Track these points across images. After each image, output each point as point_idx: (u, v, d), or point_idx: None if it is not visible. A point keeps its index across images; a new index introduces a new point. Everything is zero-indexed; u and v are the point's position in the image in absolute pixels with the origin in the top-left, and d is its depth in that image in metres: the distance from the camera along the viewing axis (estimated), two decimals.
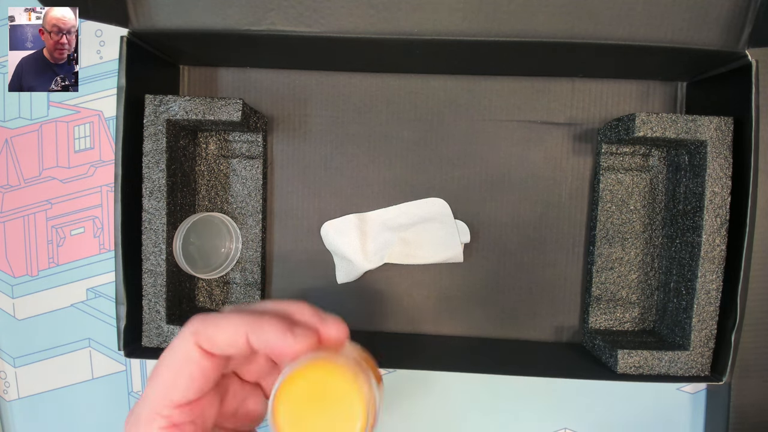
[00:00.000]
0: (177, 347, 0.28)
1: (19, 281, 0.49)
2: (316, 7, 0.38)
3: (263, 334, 0.27)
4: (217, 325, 0.28)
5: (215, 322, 0.28)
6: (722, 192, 0.40)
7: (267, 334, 0.27)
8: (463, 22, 0.38)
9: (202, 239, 0.45)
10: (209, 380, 0.28)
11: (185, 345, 0.28)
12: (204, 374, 0.28)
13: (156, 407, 0.27)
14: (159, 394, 0.28)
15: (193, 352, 0.28)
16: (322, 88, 0.47)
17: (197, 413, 0.28)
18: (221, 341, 0.27)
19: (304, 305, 0.30)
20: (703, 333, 0.41)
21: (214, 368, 0.28)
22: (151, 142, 0.41)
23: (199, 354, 0.28)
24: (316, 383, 0.27)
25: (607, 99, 0.46)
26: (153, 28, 0.39)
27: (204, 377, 0.28)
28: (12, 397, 0.50)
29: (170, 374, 0.28)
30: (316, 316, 0.30)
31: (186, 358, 0.28)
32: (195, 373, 0.28)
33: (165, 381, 0.28)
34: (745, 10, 0.38)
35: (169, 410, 0.27)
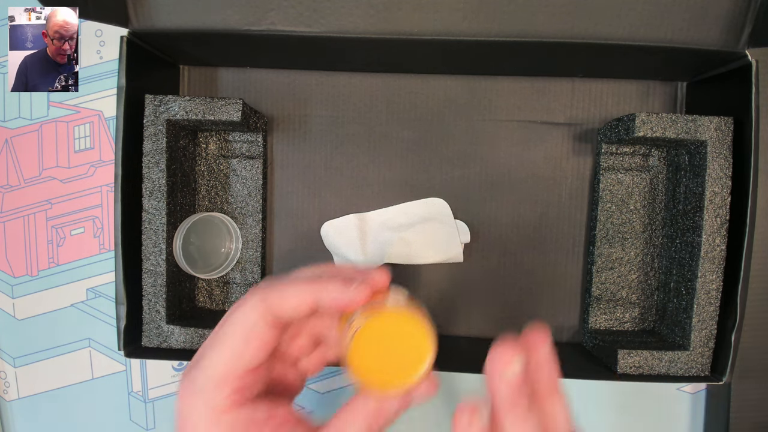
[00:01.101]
0: (246, 315, 0.29)
1: (19, 281, 0.49)
2: (316, 7, 0.38)
3: (329, 294, 0.29)
4: (284, 291, 0.29)
5: (282, 291, 0.29)
6: (722, 192, 0.40)
7: (331, 294, 0.29)
8: (463, 22, 0.38)
9: (202, 239, 0.45)
10: (271, 346, 0.29)
11: (253, 313, 0.29)
12: (270, 341, 0.29)
13: (224, 374, 0.28)
14: (227, 361, 0.28)
15: (262, 319, 0.29)
16: (322, 88, 0.47)
17: (257, 378, 0.30)
18: (289, 307, 0.29)
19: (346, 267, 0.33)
20: (703, 333, 0.41)
21: (278, 336, 0.30)
22: (151, 142, 0.41)
23: (268, 320, 0.29)
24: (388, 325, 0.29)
25: (607, 99, 0.46)
26: (153, 28, 0.39)
27: (270, 344, 0.29)
28: (12, 397, 0.50)
29: (239, 341, 0.28)
30: (361, 271, 0.32)
31: (255, 325, 0.28)
32: (264, 339, 0.29)
33: (233, 348, 0.28)
34: (745, 10, 0.38)
35: (237, 376, 0.28)
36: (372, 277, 0.31)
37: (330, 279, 0.30)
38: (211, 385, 0.28)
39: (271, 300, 0.29)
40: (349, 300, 0.29)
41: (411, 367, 0.29)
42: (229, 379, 0.28)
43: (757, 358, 0.46)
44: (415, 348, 0.29)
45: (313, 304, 0.29)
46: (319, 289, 0.29)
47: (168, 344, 0.42)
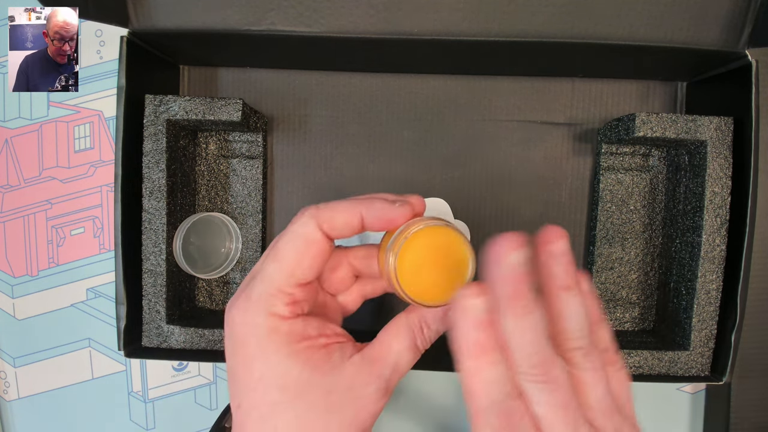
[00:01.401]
0: (299, 229, 0.29)
1: (19, 281, 0.49)
2: (316, 7, 0.38)
3: (375, 211, 0.30)
4: (334, 208, 0.30)
5: (332, 206, 0.30)
6: (722, 192, 0.40)
7: (378, 210, 0.30)
8: (463, 22, 0.38)
9: (202, 239, 0.45)
10: (324, 262, 0.30)
11: (308, 227, 0.29)
12: (324, 255, 0.30)
13: (280, 284, 0.29)
14: (284, 272, 0.29)
15: (317, 233, 0.29)
16: (322, 88, 0.47)
17: (309, 294, 0.30)
18: (340, 222, 0.30)
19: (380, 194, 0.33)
20: (703, 333, 0.41)
21: (329, 251, 0.30)
22: (151, 142, 0.41)
23: (321, 235, 0.29)
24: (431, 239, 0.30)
25: (607, 99, 0.46)
26: (153, 28, 0.39)
27: (323, 258, 0.30)
28: (12, 397, 0.50)
29: (294, 254, 0.29)
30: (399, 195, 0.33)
31: (310, 238, 0.29)
32: (318, 253, 0.29)
33: (289, 260, 0.29)
34: (745, 10, 0.38)
35: (293, 288, 0.29)
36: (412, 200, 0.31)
37: (375, 198, 0.31)
38: (269, 294, 0.29)
39: (322, 215, 0.30)
40: (393, 216, 0.30)
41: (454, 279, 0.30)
42: (287, 289, 0.29)
43: (757, 358, 0.46)
44: (457, 260, 0.30)
45: (361, 219, 0.30)
46: (367, 205, 0.30)
47: (168, 344, 0.42)
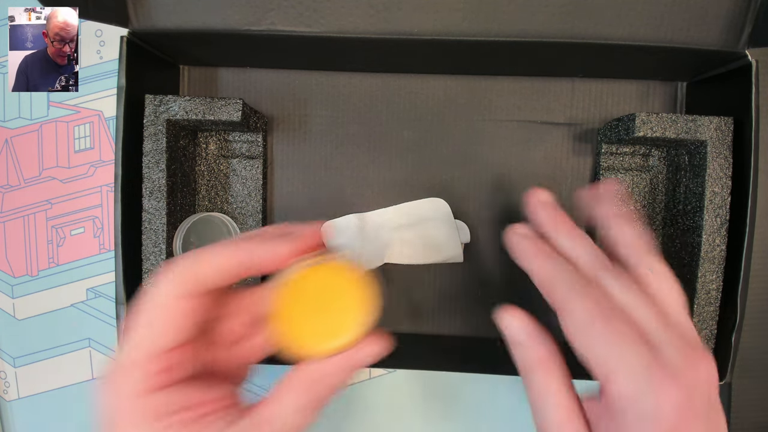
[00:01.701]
0: (160, 288, 0.26)
1: (19, 281, 0.49)
2: (316, 7, 0.38)
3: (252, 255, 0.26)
4: (201, 260, 0.26)
5: (200, 257, 0.26)
6: (722, 192, 0.40)
7: (256, 253, 0.26)
8: (463, 22, 0.38)
9: (202, 239, 0.45)
10: (196, 323, 0.26)
11: (170, 286, 0.26)
12: (194, 314, 0.26)
13: (141, 355, 0.25)
14: (145, 340, 0.25)
15: (180, 291, 0.26)
16: (322, 88, 0.47)
17: (184, 358, 0.27)
18: (209, 274, 0.26)
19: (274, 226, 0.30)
20: (703, 333, 0.41)
21: (201, 309, 0.26)
22: (151, 142, 0.41)
23: (187, 293, 0.26)
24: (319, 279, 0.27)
25: (607, 99, 0.46)
26: (153, 28, 0.39)
27: (191, 319, 0.26)
28: (12, 397, 0.50)
29: (156, 319, 0.26)
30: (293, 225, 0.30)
31: (173, 299, 0.26)
32: (185, 313, 0.26)
33: (151, 326, 0.25)
34: (745, 10, 0.38)
35: (156, 356, 0.25)
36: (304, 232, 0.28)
37: (253, 238, 0.27)
38: (131, 366, 0.25)
39: (187, 271, 0.26)
40: (277, 256, 0.26)
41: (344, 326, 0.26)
42: (146, 359, 0.25)
43: (757, 358, 0.46)
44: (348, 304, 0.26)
45: (238, 265, 0.26)
46: (244, 248, 0.26)
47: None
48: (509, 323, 0.31)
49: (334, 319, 0.26)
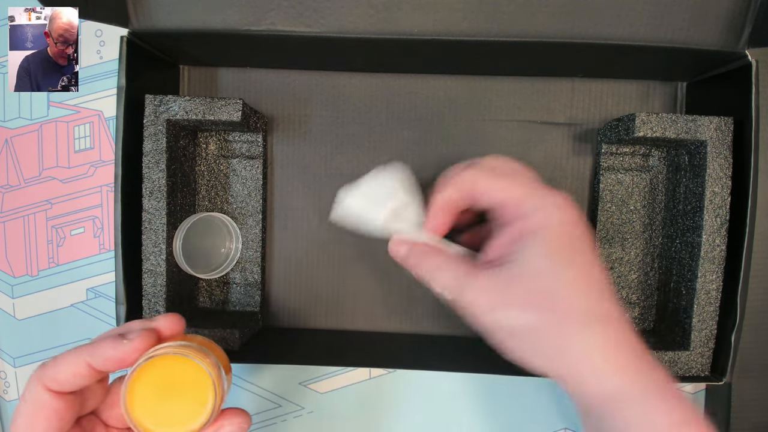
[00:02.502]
0: (27, 395, 0.29)
1: (19, 281, 0.49)
2: (316, 7, 0.38)
3: (99, 355, 0.29)
4: (56, 363, 0.29)
5: (54, 361, 0.29)
6: (722, 192, 0.40)
7: (102, 351, 0.29)
8: (463, 22, 0.38)
9: (202, 239, 0.45)
10: (66, 420, 0.29)
11: (34, 390, 0.29)
12: (58, 415, 0.29)
13: None
14: None
15: (44, 395, 0.29)
16: (322, 88, 0.47)
17: None
18: (64, 376, 0.29)
19: (132, 322, 0.33)
20: (703, 333, 0.41)
21: (67, 407, 0.29)
22: (151, 142, 0.41)
23: (49, 396, 0.29)
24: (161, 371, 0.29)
25: (607, 99, 0.46)
26: (153, 28, 0.39)
27: (59, 418, 0.29)
28: (12, 397, 0.50)
29: (26, 421, 0.29)
30: (145, 320, 0.32)
31: (38, 402, 0.29)
32: (50, 414, 0.29)
33: (23, 428, 0.29)
34: (745, 10, 0.38)
35: None
36: (153, 326, 0.31)
37: (102, 339, 0.30)
38: None
39: (46, 375, 0.29)
40: (120, 356, 0.29)
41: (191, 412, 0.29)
42: None
43: (757, 357, 0.46)
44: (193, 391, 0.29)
45: (87, 367, 0.29)
46: (91, 351, 0.29)
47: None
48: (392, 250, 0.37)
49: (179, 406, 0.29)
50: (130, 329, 0.31)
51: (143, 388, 0.29)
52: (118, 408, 0.32)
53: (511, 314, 0.30)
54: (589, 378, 0.28)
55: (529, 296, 0.29)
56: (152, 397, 0.29)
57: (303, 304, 0.48)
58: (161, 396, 0.29)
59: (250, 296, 0.47)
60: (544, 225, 0.30)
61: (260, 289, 0.47)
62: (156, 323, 0.32)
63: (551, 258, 0.29)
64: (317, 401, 0.49)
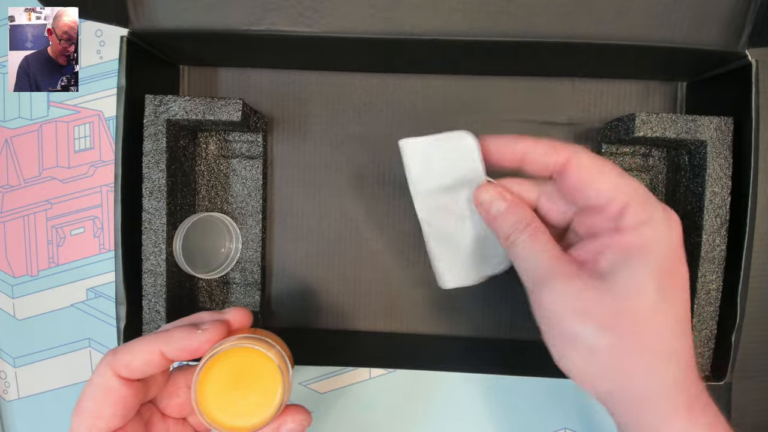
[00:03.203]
0: (97, 379, 0.30)
1: (19, 281, 0.49)
2: (316, 7, 0.38)
3: (173, 344, 0.29)
4: (129, 350, 0.30)
5: (127, 348, 0.30)
6: (722, 192, 0.40)
7: (177, 341, 0.30)
8: (463, 23, 0.38)
9: (202, 239, 0.45)
10: (131, 407, 0.30)
11: (104, 376, 0.29)
12: (125, 401, 0.30)
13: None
14: (85, 425, 0.29)
15: (113, 381, 0.29)
16: (322, 88, 0.47)
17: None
18: (137, 363, 0.29)
19: (202, 313, 0.33)
20: (703, 333, 0.41)
21: (134, 394, 0.30)
22: (151, 142, 0.41)
23: (118, 382, 0.29)
24: (232, 362, 0.30)
25: (607, 99, 0.46)
26: (153, 28, 0.39)
27: (126, 404, 0.30)
28: (12, 397, 0.50)
29: (94, 405, 0.29)
30: (216, 312, 0.33)
31: (107, 387, 0.29)
32: (117, 401, 0.29)
33: (90, 412, 0.29)
34: (745, 10, 0.38)
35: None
36: (225, 318, 0.32)
37: (177, 328, 0.30)
38: None
39: (117, 360, 0.29)
40: (195, 346, 0.30)
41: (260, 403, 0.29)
42: None
43: (758, 358, 0.46)
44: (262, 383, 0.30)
45: (161, 356, 0.30)
46: (163, 340, 0.30)
47: None
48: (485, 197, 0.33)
49: (249, 397, 0.30)
50: (202, 320, 0.32)
51: (214, 379, 0.29)
52: (176, 398, 0.33)
53: (599, 331, 0.28)
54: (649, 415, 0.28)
55: (623, 318, 0.27)
56: (222, 389, 0.29)
57: (303, 304, 0.48)
58: (231, 387, 0.29)
59: (250, 296, 0.47)
60: (655, 245, 0.28)
61: (260, 289, 0.47)
62: (227, 315, 0.32)
63: (659, 288, 0.27)
64: (317, 401, 0.49)
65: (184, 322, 0.32)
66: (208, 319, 0.31)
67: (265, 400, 0.29)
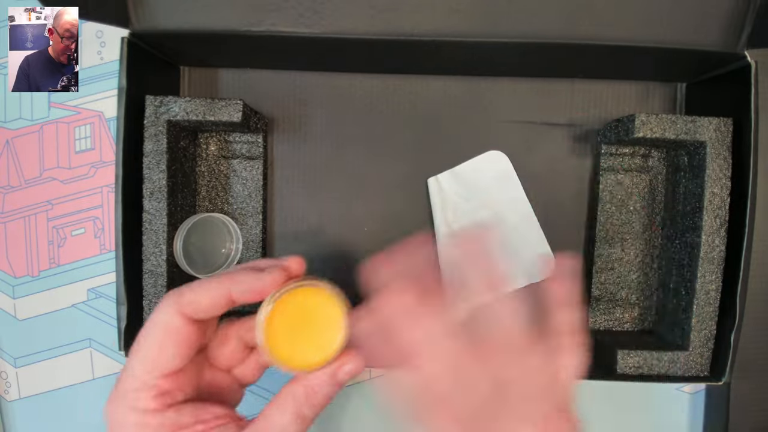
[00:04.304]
0: (159, 318, 0.29)
1: (20, 282, 0.49)
2: (316, 8, 0.38)
3: (240, 284, 0.29)
4: (197, 290, 0.29)
5: (194, 288, 0.30)
6: (721, 193, 0.40)
7: (244, 283, 0.30)
8: (462, 23, 0.38)
9: (203, 240, 0.45)
10: (193, 348, 0.30)
11: (168, 315, 0.29)
12: (188, 341, 0.29)
13: (144, 378, 0.28)
14: (147, 364, 0.29)
15: (177, 320, 0.29)
16: (322, 88, 0.47)
17: (183, 381, 0.30)
18: (205, 302, 0.29)
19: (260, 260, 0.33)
20: (703, 333, 0.41)
21: (197, 335, 0.30)
22: (152, 142, 0.41)
23: (182, 321, 0.29)
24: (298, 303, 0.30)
25: (606, 100, 0.46)
26: (153, 29, 0.39)
27: (188, 344, 0.29)
28: (13, 397, 0.50)
29: (156, 344, 0.29)
30: (274, 260, 0.33)
31: (171, 326, 0.29)
32: (181, 340, 0.29)
33: (151, 351, 0.29)
34: (744, 11, 0.38)
35: (158, 379, 0.28)
36: (284, 264, 0.32)
37: (240, 270, 0.31)
38: (134, 388, 0.28)
39: (184, 299, 0.29)
40: (261, 287, 0.30)
41: (325, 341, 0.30)
42: (151, 381, 0.28)
43: (757, 358, 0.46)
44: (326, 322, 0.30)
45: (227, 297, 0.29)
46: (231, 281, 0.30)
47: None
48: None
49: (314, 336, 0.30)
50: (263, 266, 0.31)
51: (281, 318, 0.30)
52: (225, 347, 0.33)
53: None
54: None
55: None
56: (289, 328, 0.30)
57: None
58: (297, 327, 0.30)
59: None
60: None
61: None
62: (285, 262, 0.32)
63: None
64: None
65: (247, 266, 0.32)
66: (269, 265, 0.31)
67: (330, 339, 0.30)
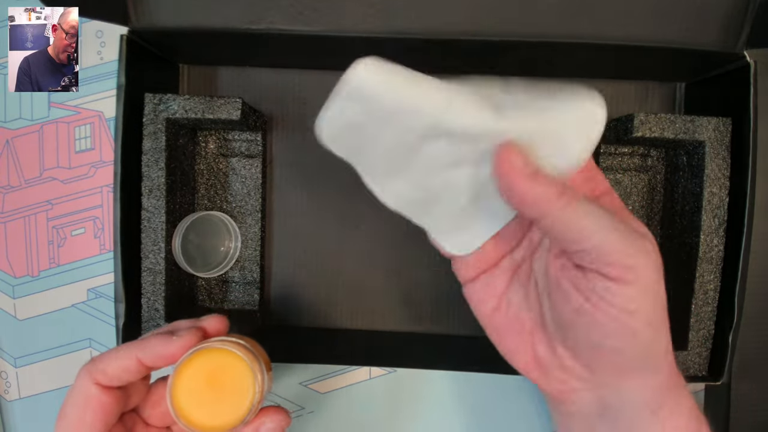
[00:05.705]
0: (77, 387, 0.30)
1: (20, 282, 0.49)
2: (315, 6, 0.38)
3: (148, 351, 0.30)
4: (106, 358, 0.30)
5: (104, 356, 0.30)
6: (720, 192, 0.40)
7: (153, 347, 0.30)
8: (463, 23, 0.38)
9: (202, 238, 0.45)
10: (112, 414, 0.30)
11: (84, 383, 0.30)
12: (105, 409, 0.30)
13: None
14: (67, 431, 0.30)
15: (92, 389, 0.30)
16: (321, 87, 0.46)
17: None
18: (113, 370, 0.30)
19: (179, 321, 0.34)
20: (701, 333, 0.41)
21: (114, 402, 0.31)
22: (151, 140, 0.41)
23: (97, 390, 0.30)
24: (205, 363, 0.30)
25: (605, 99, 0.46)
26: (153, 26, 0.39)
27: (106, 412, 0.30)
28: (13, 397, 0.50)
29: (76, 412, 0.30)
30: (193, 320, 0.33)
31: (87, 395, 0.30)
32: (97, 408, 0.30)
33: (71, 420, 0.30)
34: (743, 11, 0.38)
35: None
36: (201, 324, 0.33)
37: (152, 336, 0.31)
38: None
39: (96, 367, 0.30)
40: (170, 352, 0.30)
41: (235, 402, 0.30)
42: None
43: (756, 358, 0.45)
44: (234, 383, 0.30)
45: (137, 363, 0.30)
46: (139, 348, 0.30)
47: None
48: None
49: (223, 398, 0.30)
50: (179, 327, 0.32)
51: (187, 380, 0.30)
52: (159, 407, 0.33)
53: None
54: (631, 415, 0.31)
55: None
56: (196, 390, 0.30)
57: (302, 303, 0.48)
58: (205, 389, 0.30)
59: (249, 295, 0.47)
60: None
61: (259, 288, 0.47)
62: (203, 323, 0.33)
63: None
64: (317, 401, 0.49)
65: (161, 331, 0.33)
66: (185, 327, 0.32)
67: (239, 400, 0.30)
